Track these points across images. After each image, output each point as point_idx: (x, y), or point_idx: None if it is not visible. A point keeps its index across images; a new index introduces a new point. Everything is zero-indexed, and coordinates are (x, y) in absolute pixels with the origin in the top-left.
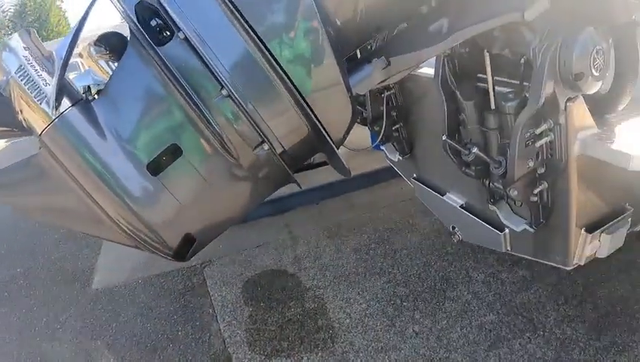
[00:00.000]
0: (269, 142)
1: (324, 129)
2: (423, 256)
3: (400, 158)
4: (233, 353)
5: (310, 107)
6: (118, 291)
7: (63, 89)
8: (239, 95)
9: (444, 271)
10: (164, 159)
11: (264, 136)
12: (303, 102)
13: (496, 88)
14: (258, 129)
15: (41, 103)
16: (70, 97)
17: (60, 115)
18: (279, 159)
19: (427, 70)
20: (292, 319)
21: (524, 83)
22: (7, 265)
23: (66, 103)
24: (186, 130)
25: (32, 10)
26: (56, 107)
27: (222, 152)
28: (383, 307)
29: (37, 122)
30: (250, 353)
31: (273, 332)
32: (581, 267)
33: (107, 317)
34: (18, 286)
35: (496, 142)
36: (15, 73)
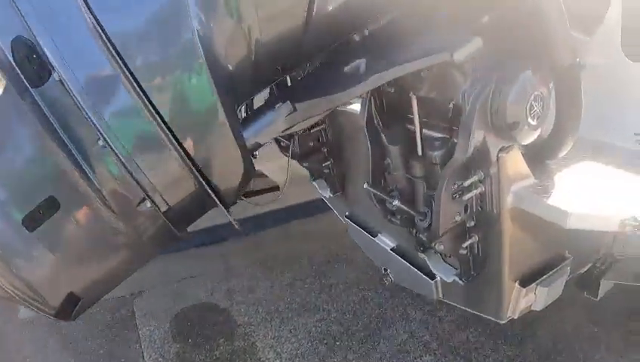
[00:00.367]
0: (151, 199)
1: (210, 185)
2: (360, 291)
3: (331, 195)
4: None
5: (193, 161)
6: (46, 321)
7: None
8: (117, 147)
9: (381, 308)
10: (41, 213)
11: (146, 192)
12: (185, 156)
13: (424, 134)
14: (139, 184)
15: None
16: None
17: None
18: (163, 217)
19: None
20: (220, 358)
21: (454, 130)
22: None
23: None
24: (63, 182)
25: None
26: None
27: (103, 207)
28: (315, 346)
29: None
30: None
31: None
32: None
33: (32, 349)
34: None
35: (423, 192)
36: None
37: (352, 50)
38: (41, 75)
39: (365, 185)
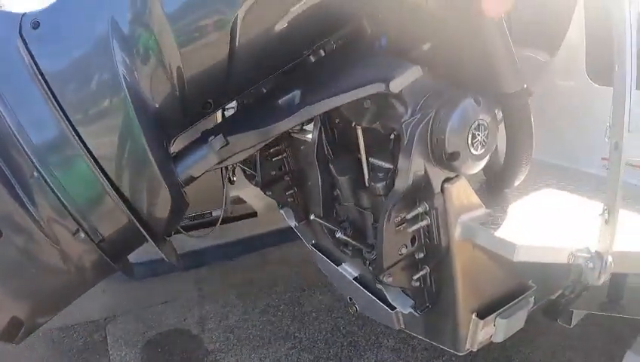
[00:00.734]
0: (84, 230)
1: (139, 219)
2: (332, 319)
3: (297, 224)
4: None
5: (122, 196)
6: (19, 345)
7: None
8: (50, 179)
9: (353, 336)
10: None
11: (79, 224)
12: (113, 191)
13: (372, 164)
14: (72, 216)
15: None
16: None
17: None
18: (97, 248)
19: None
20: None
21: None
22: None
23: None
24: (4, 210)
25: None
26: None
27: (42, 236)
28: None
29: None
30: None
31: None
32: None
33: None
34: None
35: (370, 223)
36: None
37: (290, 79)
38: None
39: (312, 217)
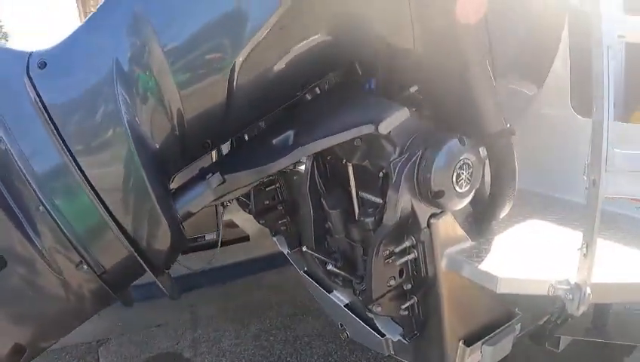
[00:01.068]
0: (87, 263)
1: (139, 253)
2: (324, 343)
3: (289, 251)
4: None
5: (123, 230)
6: None
7: None
8: (55, 213)
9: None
10: None
11: (82, 257)
12: (115, 225)
13: (362, 200)
14: (76, 249)
15: None
16: None
17: None
18: (99, 280)
19: None
20: None
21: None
22: None
23: None
24: (9, 241)
25: None
26: None
27: (45, 267)
28: None
29: None
30: None
31: None
32: None
33: None
34: None
35: (360, 256)
36: None
37: (284, 118)
38: None
39: (304, 248)
